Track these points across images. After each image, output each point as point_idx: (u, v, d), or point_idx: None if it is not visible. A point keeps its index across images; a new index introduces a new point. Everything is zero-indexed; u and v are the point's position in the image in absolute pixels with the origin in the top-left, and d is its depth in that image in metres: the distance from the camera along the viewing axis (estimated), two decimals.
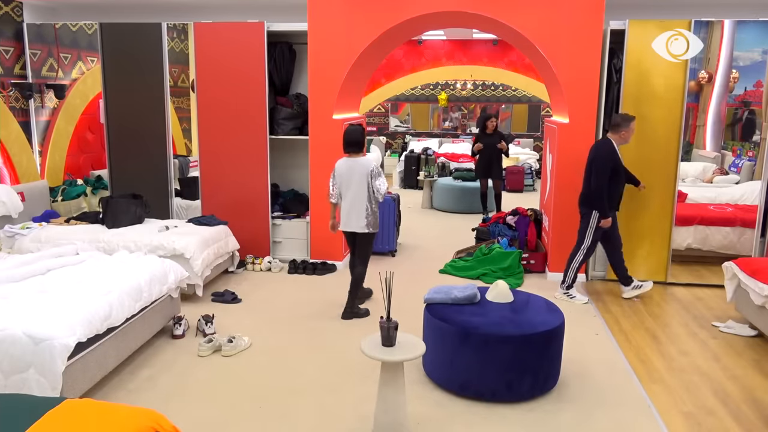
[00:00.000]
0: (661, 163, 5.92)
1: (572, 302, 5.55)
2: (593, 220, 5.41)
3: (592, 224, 5.41)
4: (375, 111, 14.89)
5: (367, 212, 5.04)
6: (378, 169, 5.06)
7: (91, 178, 7.50)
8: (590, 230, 5.44)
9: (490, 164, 8.90)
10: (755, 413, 3.68)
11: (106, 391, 3.81)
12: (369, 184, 4.99)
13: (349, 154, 5.07)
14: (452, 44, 13.43)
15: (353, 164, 5.04)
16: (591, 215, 5.42)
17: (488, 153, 8.83)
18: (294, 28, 6.40)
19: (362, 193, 5.01)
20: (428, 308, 4.04)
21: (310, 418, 3.54)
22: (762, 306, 4.52)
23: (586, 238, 5.48)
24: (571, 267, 5.58)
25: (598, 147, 5.38)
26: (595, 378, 4.09)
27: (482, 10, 5.89)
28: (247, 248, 6.56)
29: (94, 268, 4.34)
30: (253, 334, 4.69)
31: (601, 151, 5.31)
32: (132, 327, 4.10)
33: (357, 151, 5.06)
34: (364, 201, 5.02)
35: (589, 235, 5.46)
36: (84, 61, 7.47)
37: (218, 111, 6.45)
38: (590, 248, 5.52)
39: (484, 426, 3.49)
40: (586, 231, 5.47)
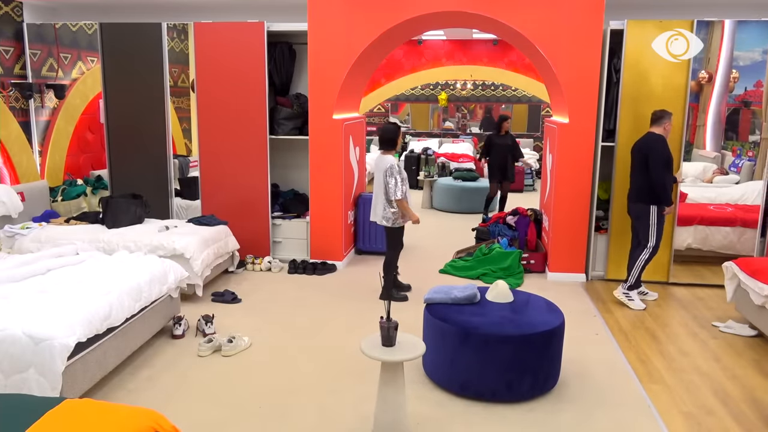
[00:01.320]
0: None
1: (629, 304, 5.45)
2: (653, 216, 5.31)
3: (653, 221, 5.32)
4: (375, 111, 14.89)
5: (384, 208, 5.27)
6: (394, 168, 5.21)
7: (91, 178, 7.49)
8: (653, 227, 5.34)
9: (505, 166, 8.89)
10: (755, 413, 3.68)
11: (106, 391, 3.81)
12: (386, 182, 5.20)
13: (382, 150, 5.37)
14: (452, 44, 13.43)
15: (379, 161, 5.34)
16: (649, 213, 5.32)
17: (503, 154, 8.84)
18: (294, 28, 6.40)
19: (380, 189, 5.27)
20: (428, 308, 4.04)
21: (310, 418, 3.54)
22: (762, 306, 4.51)
23: (650, 237, 5.36)
24: (635, 267, 5.45)
25: (649, 142, 5.30)
26: (595, 378, 4.08)
27: (482, 10, 5.89)
28: (247, 248, 6.56)
29: (94, 268, 4.34)
30: (253, 334, 4.69)
31: (657, 145, 5.25)
32: (132, 327, 4.10)
33: (386, 148, 5.34)
34: (381, 196, 5.28)
35: (652, 233, 5.35)
36: (84, 61, 7.47)
37: (218, 111, 6.45)
38: (656, 246, 5.40)
39: (484, 426, 3.48)
40: (649, 230, 5.35)
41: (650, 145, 5.29)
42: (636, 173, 5.42)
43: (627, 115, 5.93)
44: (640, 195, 5.38)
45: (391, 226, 5.34)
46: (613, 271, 6.19)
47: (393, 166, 5.21)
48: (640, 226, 5.45)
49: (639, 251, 5.47)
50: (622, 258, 6.12)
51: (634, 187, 5.44)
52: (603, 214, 6.30)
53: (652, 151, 5.25)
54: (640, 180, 5.37)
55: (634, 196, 5.46)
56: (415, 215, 5.32)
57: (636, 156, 5.41)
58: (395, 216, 5.29)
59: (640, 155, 5.35)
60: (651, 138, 5.33)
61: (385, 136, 5.32)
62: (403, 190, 5.19)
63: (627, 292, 5.52)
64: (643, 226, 5.40)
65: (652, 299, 5.69)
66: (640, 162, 5.34)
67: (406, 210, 5.24)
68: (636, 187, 5.42)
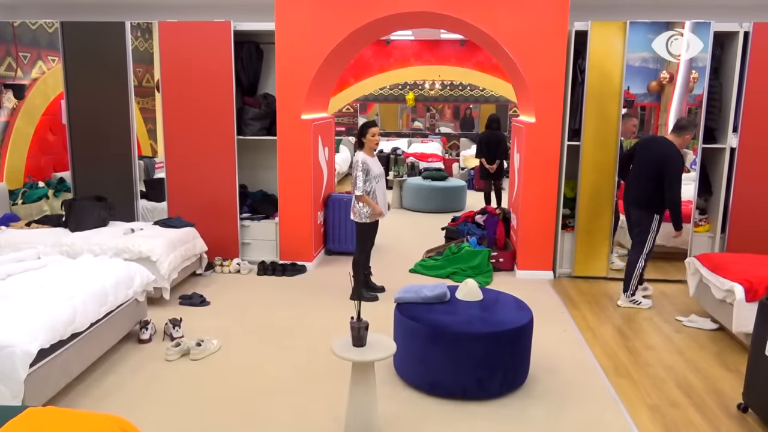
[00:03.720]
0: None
1: (639, 307, 5.44)
2: (655, 224, 5.18)
3: (654, 228, 5.19)
4: (344, 111, 14.86)
5: (352, 201, 5.37)
6: (357, 164, 5.28)
7: (53, 180, 7.32)
8: (651, 235, 5.22)
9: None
10: (717, 404, 3.78)
11: (71, 398, 3.72)
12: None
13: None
14: (420, 44, 13.48)
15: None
16: (652, 220, 5.18)
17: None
18: (261, 27, 6.35)
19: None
20: (399, 308, 4.04)
21: (282, 421, 3.51)
22: (723, 300, 4.64)
23: (646, 243, 5.25)
24: (634, 275, 5.36)
25: (671, 156, 5.04)
26: (564, 373, 4.15)
27: (450, 11, 5.93)
28: (216, 250, 6.48)
29: (57, 273, 4.24)
30: (222, 337, 4.63)
31: (677, 161, 5.02)
32: (97, 332, 4.01)
33: (357, 146, 5.46)
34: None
35: (649, 240, 5.25)
36: (45, 60, 7.28)
37: (184, 111, 6.36)
38: (650, 253, 5.32)
39: (454, 424, 3.51)
40: (648, 236, 5.22)
41: (670, 160, 5.03)
42: (643, 180, 5.22)
43: (592, 115, 6.03)
44: (649, 203, 5.19)
45: (359, 221, 5.38)
46: (580, 268, 6.29)
47: (357, 161, 5.28)
48: (639, 232, 5.31)
49: (636, 257, 5.34)
50: (589, 255, 6.24)
51: (641, 194, 5.25)
52: (569, 212, 6.40)
53: (671, 168, 5.01)
54: (648, 188, 5.16)
55: (639, 202, 5.28)
56: (378, 208, 5.34)
57: (648, 162, 5.20)
58: (363, 211, 5.33)
59: (654, 165, 5.11)
60: (673, 151, 5.07)
61: (356, 134, 5.50)
62: (362, 186, 5.23)
63: (633, 299, 5.47)
64: (644, 233, 5.26)
65: (650, 292, 5.79)
66: (653, 171, 5.12)
67: (367, 203, 5.29)
68: (644, 195, 5.22)
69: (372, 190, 5.33)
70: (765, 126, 5.96)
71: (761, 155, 5.96)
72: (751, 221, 6.10)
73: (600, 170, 6.09)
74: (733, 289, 4.44)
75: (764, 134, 5.96)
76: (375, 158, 5.47)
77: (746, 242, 6.02)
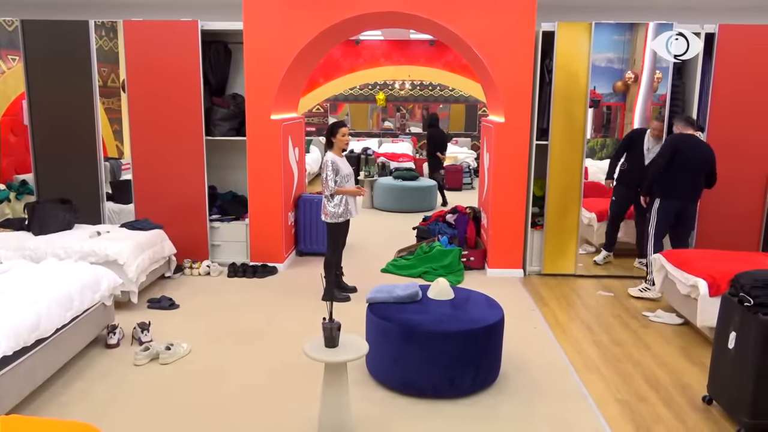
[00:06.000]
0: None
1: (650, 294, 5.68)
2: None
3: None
4: (314, 111, 14.82)
5: (323, 202, 5.39)
6: (326, 164, 5.28)
7: (15, 182, 7.13)
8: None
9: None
10: (683, 398, 3.87)
11: (37, 406, 3.63)
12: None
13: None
14: (390, 44, 13.52)
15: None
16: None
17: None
18: (229, 27, 6.28)
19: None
20: (371, 308, 4.05)
21: (255, 423, 3.48)
22: (687, 295, 4.74)
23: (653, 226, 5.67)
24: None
25: (712, 154, 5.54)
26: (534, 370, 4.20)
27: (419, 11, 5.95)
28: (185, 252, 6.39)
29: (19, 278, 4.12)
30: (192, 340, 4.57)
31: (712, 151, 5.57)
32: (63, 338, 3.92)
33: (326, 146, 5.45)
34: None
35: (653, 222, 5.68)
36: (4, 59, 7.08)
37: (151, 112, 6.26)
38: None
39: (427, 422, 3.52)
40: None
41: (713, 157, 5.53)
42: (697, 177, 5.55)
43: (559, 114, 6.11)
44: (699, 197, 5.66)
45: (330, 222, 5.38)
46: (549, 265, 6.38)
47: (326, 161, 5.29)
48: (690, 226, 5.73)
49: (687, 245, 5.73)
50: (557, 253, 6.33)
51: (698, 189, 5.62)
52: (538, 210, 6.48)
53: (714, 164, 5.53)
54: (702, 184, 5.59)
55: (695, 197, 5.65)
56: (354, 189, 5.41)
57: (701, 161, 5.49)
58: (333, 211, 5.33)
59: (706, 163, 5.51)
60: (712, 150, 5.57)
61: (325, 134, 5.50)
62: (333, 186, 5.26)
63: (647, 287, 5.73)
64: (692, 225, 5.72)
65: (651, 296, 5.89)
66: (706, 169, 5.52)
67: (343, 192, 5.32)
68: (700, 190, 5.62)
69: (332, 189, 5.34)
70: (731, 126, 6.11)
71: (728, 154, 6.02)
72: (718, 218, 6.24)
73: (568, 169, 6.18)
74: (697, 285, 4.55)
75: (730, 134, 6.11)
76: (344, 158, 5.47)
77: (714, 239, 6.15)
